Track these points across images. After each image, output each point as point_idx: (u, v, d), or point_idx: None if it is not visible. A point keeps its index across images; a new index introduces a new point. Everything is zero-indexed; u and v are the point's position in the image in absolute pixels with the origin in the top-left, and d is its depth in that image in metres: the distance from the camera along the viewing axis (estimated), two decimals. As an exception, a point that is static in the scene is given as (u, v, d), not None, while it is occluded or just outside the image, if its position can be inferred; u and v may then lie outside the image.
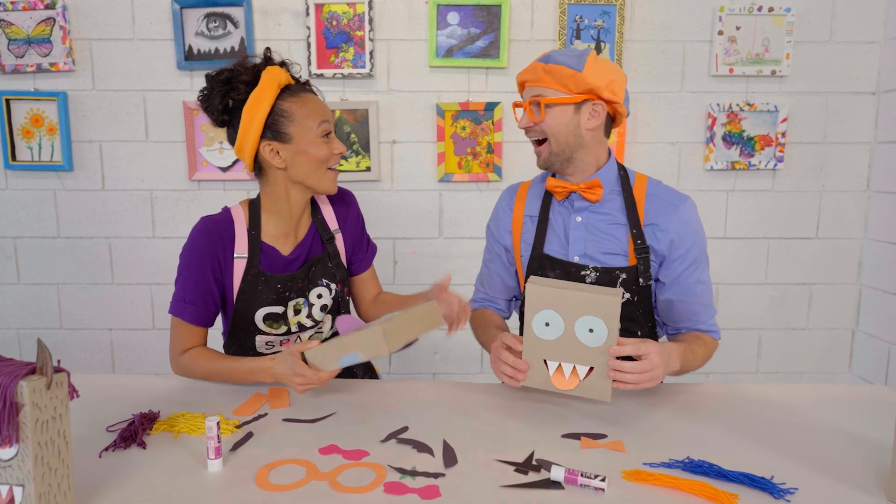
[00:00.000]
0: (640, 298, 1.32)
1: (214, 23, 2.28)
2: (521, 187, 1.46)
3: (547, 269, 1.35)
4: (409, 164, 2.38)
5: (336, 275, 1.37)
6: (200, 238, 1.27)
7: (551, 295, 1.05)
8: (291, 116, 1.24)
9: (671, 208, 1.30)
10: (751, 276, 2.47)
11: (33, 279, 2.43)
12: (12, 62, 2.29)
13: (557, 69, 1.24)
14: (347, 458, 0.94)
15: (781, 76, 2.34)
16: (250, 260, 1.28)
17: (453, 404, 1.17)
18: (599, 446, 0.98)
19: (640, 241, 1.29)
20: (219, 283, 1.29)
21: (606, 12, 2.29)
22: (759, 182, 2.41)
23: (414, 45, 2.31)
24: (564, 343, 1.06)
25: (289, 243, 1.34)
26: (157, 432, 1.03)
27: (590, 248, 1.33)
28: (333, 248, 1.38)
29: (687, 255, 1.30)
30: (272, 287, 1.29)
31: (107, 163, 2.36)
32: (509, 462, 0.93)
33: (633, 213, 1.30)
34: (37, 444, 0.71)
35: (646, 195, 1.33)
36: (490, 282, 1.49)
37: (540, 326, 1.08)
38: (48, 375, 0.72)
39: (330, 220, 1.41)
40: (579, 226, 1.34)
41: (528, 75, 1.29)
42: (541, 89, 1.27)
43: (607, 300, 1.03)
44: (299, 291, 1.33)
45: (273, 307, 1.30)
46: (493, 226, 1.48)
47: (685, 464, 0.90)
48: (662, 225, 1.29)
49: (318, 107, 1.27)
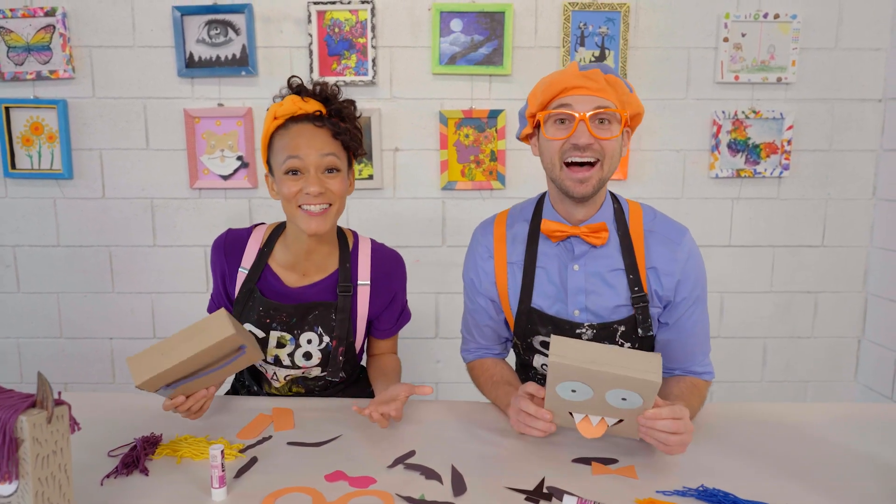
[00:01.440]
0: (641, 346, 1.23)
1: (216, 30, 2.26)
2: (496, 227, 1.28)
3: (537, 324, 1.22)
4: (412, 172, 2.36)
5: (335, 329, 1.28)
6: (214, 250, 1.36)
7: (579, 371, 0.92)
8: (273, 149, 1.23)
9: (674, 246, 1.18)
10: (756, 285, 2.46)
11: (33, 288, 2.41)
12: (12, 70, 2.27)
13: (619, 83, 1.11)
14: (354, 485, 0.92)
15: (787, 83, 2.32)
16: (250, 274, 1.31)
17: (460, 426, 1.15)
18: (611, 472, 0.96)
19: (638, 288, 1.17)
20: (225, 290, 1.35)
21: (611, 19, 2.28)
22: (764, 190, 2.39)
23: (417, 53, 2.29)
24: (593, 404, 0.97)
25: (296, 279, 1.31)
26: (160, 457, 1.01)
27: (591, 301, 1.19)
28: (346, 303, 1.28)
29: (691, 295, 1.20)
30: (256, 308, 1.28)
31: (107, 171, 2.35)
32: (519, 490, 0.91)
33: (631, 255, 1.18)
34: (37, 479, 0.69)
35: (643, 231, 1.20)
36: (479, 332, 1.35)
37: (565, 391, 0.96)
38: (49, 409, 0.70)
39: (363, 272, 1.32)
40: (577, 275, 1.20)
41: (588, 82, 1.09)
42: (606, 101, 1.09)
43: (647, 383, 0.90)
44: (285, 326, 1.28)
45: (255, 328, 1.29)
46: (474, 277, 1.30)
47: (699, 492, 0.88)
48: (666, 268, 1.18)
49: (295, 141, 1.19)
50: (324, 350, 1.29)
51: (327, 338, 1.28)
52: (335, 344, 1.28)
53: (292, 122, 1.21)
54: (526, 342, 1.27)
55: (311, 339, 1.28)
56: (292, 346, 1.28)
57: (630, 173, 2.36)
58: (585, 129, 1.09)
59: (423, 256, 2.41)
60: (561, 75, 1.11)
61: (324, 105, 1.22)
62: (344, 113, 1.23)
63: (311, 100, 1.21)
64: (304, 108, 1.20)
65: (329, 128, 1.20)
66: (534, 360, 1.30)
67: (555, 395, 0.97)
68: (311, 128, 1.20)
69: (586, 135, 1.09)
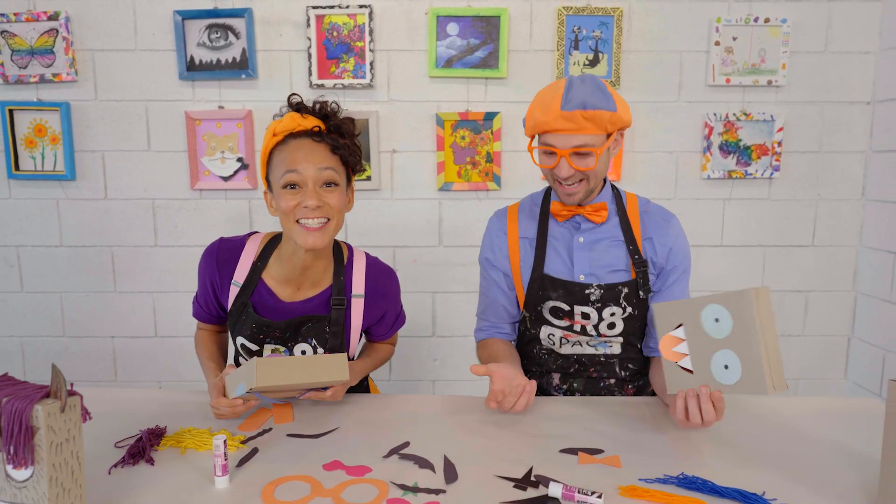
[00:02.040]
0: (640, 312, 1.37)
1: (216, 33, 2.30)
2: (509, 212, 1.46)
3: (549, 289, 1.35)
4: (409, 174, 2.40)
5: (329, 341, 1.30)
6: (204, 258, 1.35)
7: (751, 316, 0.98)
8: (272, 165, 1.23)
9: (665, 223, 1.37)
10: (747, 284, 2.49)
11: (36, 287, 2.45)
12: (16, 73, 2.31)
13: (598, 115, 1.21)
14: (351, 473, 0.96)
15: (777, 86, 2.36)
16: (243, 288, 1.30)
17: (453, 419, 1.20)
18: (596, 461, 1.01)
19: (638, 255, 1.34)
20: (215, 301, 1.36)
21: (604, 23, 2.32)
22: (755, 191, 2.44)
23: (414, 56, 2.33)
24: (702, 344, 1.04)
25: (290, 293, 1.31)
26: (165, 448, 1.05)
27: (594, 266, 1.35)
28: (340, 316, 1.30)
29: (680, 265, 1.37)
30: (249, 324, 1.29)
31: (109, 172, 2.39)
32: (508, 478, 0.95)
33: (629, 230, 1.35)
34: (51, 465, 0.73)
35: (639, 213, 1.39)
36: (492, 311, 1.47)
37: (708, 315, 1.04)
38: (62, 399, 0.74)
39: (357, 285, 1.33)
40: (583, 246, 1.36)
41: (568, 124, 1.21)
42: (584, 138, 1.22)
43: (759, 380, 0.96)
44: (278, 340, 1.30)
45: (249, 342, 1.31)
46: (489, 253, 1.45)
47: (679, 480, 0.92)
48: (659, 238, 1.35)
49: (293, 155, 1.19)
50: None
51: (321, 349, 1.31)
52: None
53: (291, 138, 1.21)
54: (536, 311, 1.39)
55: (305, 350, 1.31)
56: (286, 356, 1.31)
57: (623, 174, 2.41)
58: (566, 164, 1.24)
59: (420, 256, 2.45)
60: (545, 115, 1.23)
61: (323, 122, 1.22)
62: (343, 129, 1.24)
63: (310, 116, 1.22)
64: (303, 125, 1.20)
65: (328, 142, 1.20)
66: (541, 332, 1.41)
67: (696, 309, 1.06)
68: (309, 143, 1.20)
69: (567, 168, 1.25)
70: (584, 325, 1.35)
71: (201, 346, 1.40)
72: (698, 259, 2.48)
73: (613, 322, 1.35)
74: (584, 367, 1.41)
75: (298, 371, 1.07)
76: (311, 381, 1.08)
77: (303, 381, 1.08)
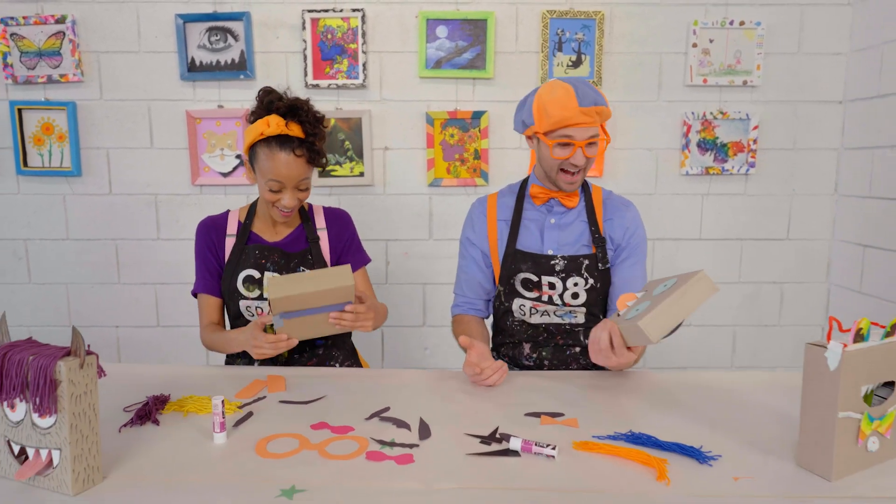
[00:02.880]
0: (601, 285, 1.53)
1: (216, 36, 2.41)
2: (489, 199, 1.65)
3: (520, 261, 1.53)
4: (401, 170, 2.51)
5: (314, 267, 1.58)
6: (199, 231, 1.63)
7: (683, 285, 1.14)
8: (258, 160, 1.48)
9: (624, 207, 1.58)
10: (725, 276, 2.60)
11: (43, 279, 2.56)
12: (24, 73, 2.42)
13: (604, 110, 1.42)
14: (335, 432, 1.07)
15: (753, 86, 2.47)
16: (238, 238, 1.59)
17: (432, 389, 1.30)
18: (556, 423, 1.11)
19: (598, 234, 1.53)
20: (216, 257, 1.60)
21: (587, 26, 2.43)
22: (732, 186, 2.55)
23: (405, 57, 2.44)
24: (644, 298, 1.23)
25: (274, 235, 1.61)
26: (169, 412, 1.16)
27: (561, 243, 1.55)
28: (317, 249, 1.61)
29: (637, 246, 1.55)
30: (252, 254, 1.55)
31: (114, 168, 2.49)
32: (476, 435, 1.06)
33: (593, 213, 1.56)
34: (72, 414, 0.84)
35: (602, 200, 1.60)
36: (469, 285, 1.64)
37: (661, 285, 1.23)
38: (81, 357, 0.85)
39: (318, 223, 1.66)
40: (553, 226, 1.56)
41: (586, 118, 1.41)
42: (595, 130, 1.45)
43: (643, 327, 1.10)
44: (276, 266, 1.55)
45: (251, 270, 1.54)
46: (470, 233, 1.64)
47: (627, 436, 1.03)
48: (618, 219, 1.56)
49: (275, 168, 1.45)
50: None
51: None
52: None
53: (277, 145, 1.44)
54: (509, 284, 1.55)
55: None
56: None
57: (605, 171, 2.51)
58: (581, 153, 1.44)
59: (411, 249, 2.56)
60: (565, 111, 1.40)
61: (303, 128, 1.45)
62: (319, 135, 1.48)
63: (293, 125, 1.44)
64: (287, 132, 1.44)
65: (306, 156, 1.47)
66: (513, 304, 1.56)
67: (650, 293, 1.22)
68: (292, 158, 1.45)
69: (581, 157, 1.45)
70: (550, 294, 1.51)
71: (214, 334, 1.56)
72: (677, 251, 2.59)
73: (577, 292, 1.51)
74: (552, 336, 1.56)
75: (306, 282, 1.29)
76: (319, 288, 1.26)
77: (312, 289, 1.26)
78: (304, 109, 1.46)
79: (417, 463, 0.96)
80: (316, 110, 1.50)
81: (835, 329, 0.91)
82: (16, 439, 0.89)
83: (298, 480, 0.91)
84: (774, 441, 1.04)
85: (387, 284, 2.57)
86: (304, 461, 0.97)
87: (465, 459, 0.98)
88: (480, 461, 0.97)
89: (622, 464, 0.96)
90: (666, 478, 0.91)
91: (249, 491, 0.88)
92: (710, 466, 0.95)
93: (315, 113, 1.49)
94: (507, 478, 0.92)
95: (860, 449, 0.91)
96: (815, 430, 0.91)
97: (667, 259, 2.59)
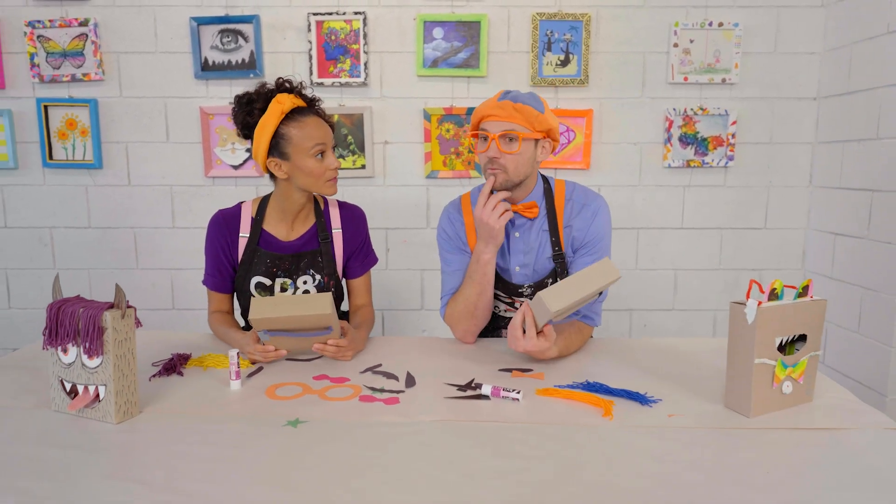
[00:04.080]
0: None
1: (227, 37, 2.58)
2: (463, 202, 1.64)
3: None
4: (400, 163, 2.67)
5: (324, 268, 1.61)
6: (212, 228, 1.62)
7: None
8: (290, 139, 1.49)
9: (583, 208, 1.55)
10: (706, 263, 2.75)
11: (67, 265, 2.74)
12: (50, 73, 2.60)
13: (526, 109, 1.41)
14: (333, 381, 1.25)
15: (731, 84, 2.62)
16: (251, 238, 1.59)
17: (421, 351, 1.48)
18: (525, 376, 1.29)
19: (558, 248, 1.54)
20: (228, 258, 1.61)
21: (574, 27, 2.58)
22: (712, 178, 2.70)
23: (403, 57, 2.61)
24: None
25: (287, 234, 1.62)
26: (190, 367, 1.34)
27: (527, 257, 1.56)
28: (328, 248, 1.62)
29: (592, 241, 1.53)
30: (263, 261, 1.58)
31: (132, 161, 2.67)
32: (454, 384, 1.23)
33: (554, 221, 1.54)
34: (115, 356, 1.02)
35: (565, 200, 1.56)
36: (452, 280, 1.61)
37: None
38: (122, 309, 1.03)
39: (334, 222, 1.66)
40: (518, 240, 1.57)
41: (499, 111, 1.42)
42: (512, 124, 1.42)
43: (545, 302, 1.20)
44: (287, 273, 1.59)
45: (263, 278, 1.58)
46: (455, 240, 1.61)
47: (583, 385, 1.20)
48: (578, 224, 1.54)
49: (315, 130, 1.49)
50: (318, 286, 1.62)
51: (319, 276, 1.62)
52: (327, 279, 1.62)
53: (300, 114, 1.49)
54: None
55: (307, 280, 1.61)
56: (292, 289, 1.61)
57: (592, 164, 2.67)
58: (495, 146, 1.44)
59: (410, 237, 2.73)
60: (484, 106, 1.47)
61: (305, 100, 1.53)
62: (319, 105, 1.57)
63: (298, 98, 1.51)
64: (299, 103, 1.51)
65: (325, 119, 1.54)
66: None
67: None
68: (320, 119, 1.52)
69: (495, 149, 1.45)
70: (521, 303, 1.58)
71: (220, 325, 1.60)
72: (661, 240, 2.75)
73: None
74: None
75: (287, 305, 1.31)
76: (297, 313, 1.29)
77: (290, 313, 1.28)
78: (301, 86, 1.54)
79: (402, 404, 1.14)
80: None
81: (755, 289, 1.08)
82: (67, 378, 1.07)
83: (302, 415, 1.09)
84: (711, 392, 1.20)
85: (387, 270, 2.74)
86: (306, 402, 1.15)
87: (443, 402, 1.15)
88: (456, 403, 1.15)
89: (575, 405, 1.13)
90: (611, 414, 1.08)
91: (261, 423, 1.06)
92: (651, 407, 1.12)
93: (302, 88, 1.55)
94: (478, 415, 1.09)
95: (775, 391, 1.07)
96: (736, 374, 1.07)
97: (650, 247, 2.74)
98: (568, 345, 1.43)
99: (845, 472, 0.91)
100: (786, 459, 0.94)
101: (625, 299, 2.78)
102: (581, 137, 2.64)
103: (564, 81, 2.60)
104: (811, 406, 1.12)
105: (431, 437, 1.01)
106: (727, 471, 0.91)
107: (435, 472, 0.90)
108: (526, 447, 0.98)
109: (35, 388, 1.21)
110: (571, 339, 1.45)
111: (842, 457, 0.96)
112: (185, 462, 0.93)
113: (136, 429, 1.04)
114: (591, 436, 1.01)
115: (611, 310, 2.79)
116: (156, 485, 0.87)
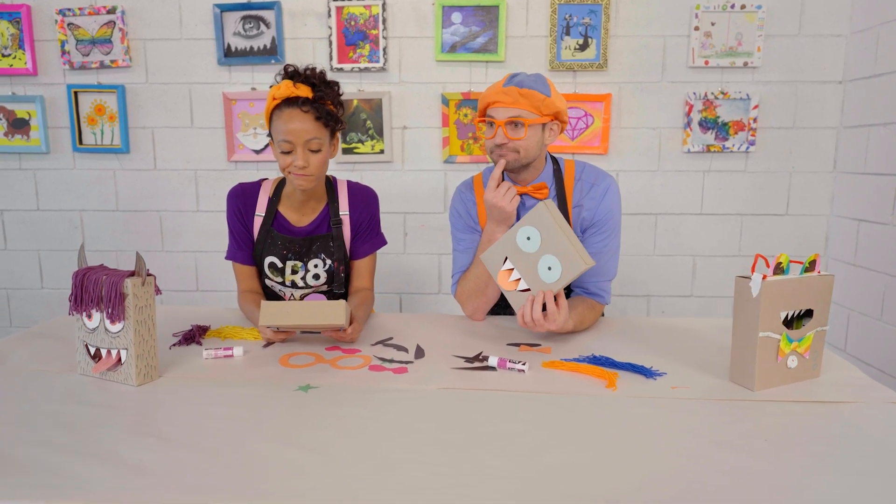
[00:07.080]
0: None
1: (249, 24, 2.63)
2: (476, 182, 1.65)
3: None
4: (418, 147, 2.70)
5: (335, 253, 1.62)
6: (230, 200, 1.65)
7: (552, 222, 1.25)
8: (273, 125, 1.50)
9: (593, 188, 1.55)
10: (726, 249, 2.73)
11: (96, 246, 2.83)
12: (80, 60, 2.68)
13: (532, 94, 1.41)
14: (345, 352, 1.29)
15: (753, 67, 2.58)
16: (265, 219, 1.62)
17: (431, 326, 1.51)
18: (533, 350, 1.31)
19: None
20: (246, 228, 1.64)
21: (593, 11, 2.57)
22: (732, 163, 2.67)
23: (422, 42, 2.63)
24: (527, 262, 1.29)
25: (300, 219, 1.64)
26: (209, 337, 1.39)
27: None
28: (339, 232, 1.62)
29: (602, 221, 1.54)
30: (276, 243, 1.60)
31: (158, 146, 2.74)
32: (462, 356, 1.26)
33: (564, 202, 1.55)
34: (136, 321, 1.07)
35: (574, 181, 1.57)
36: (462, 258, 1.64)
37: (522, 238, 1.30)
38: (143, 276, 1.08)
39: (342, 205, 1.65)
40: None
41: (504, 97, 1.42)
42: (518, 111, 1.42)
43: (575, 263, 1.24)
44: (298, 255, 1.60)
45: (275, 258, 1.61)
46: (468, 220, 1.63)
47: (589, 358, 1.22)
48: (587, 204, 1.54)
49: (286, 125, 1.44)
50: (328, 271, 1.64)
51: (329, 261, 1.63)
52: (336, 265, 1.64)
53: (286, 105, 1.45)
54: None
55: (317, 263, 1.63)
56: (303, 271, 1.64)
57: (611, 149, 2.66)
58: (502, 133, 1.44)
59: (427, 221, 2.75)
60: (488, 91, 1.47)
61: (312, 89, 1.46)
62: (328, 96, 1.48)
63: (301, 85, 1.45)
64: (296, 93, 1.44)
65: (313, 112, 1.45)
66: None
67: (512, 238, 1.31)
68: (299, 114, 1.44)
69: (502, 136, 1.45)
70: None
71: (247, 304, 1.60)
72: (680, 226, 2.73)
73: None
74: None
75: (298, 313, 1.26)
76: (310, 323, 1.26)
77: (301, 322, 1.26)
78: (314, 73, 1.48)
79: (411, 373, 1.17)
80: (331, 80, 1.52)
81: (760, 263, 1.08)
82: (92, 342, 1.12)
83: (313, 381, 1.12)
84: (717, 367, 1.21)
85: (405, 254, 2.77)
86: (318, 370, 1.19)
87: (451, 372, 1.18)
88: (463, 373, 1.17)
89: (580, 377, 1.15)
90: (614, 385, 1.09)
91: (274, 387, 1.10)
92: (655, 380, 1.13)
93: (324, 76, 1.50)
94: (484, 384, 1.12)
95: (780, 365, 1.08)
96: (741, 348, 1.08)
97: (668, 233, 2.73)
98: (582, 319, 1.45)
99: (847, 442, 0.92)
100: (787, 429, 0.95)
101: (643, 284, 2.77)
102: (599, 122, 2.64)
103: (583, 66, 2.59)
104: (818, 381, 1.12)
105: (437, 403, 1.04)
106: (727, 439, 0.92)
107: (439, 434, 0.93)
108: (529, 414, 1.00)
109: (62, 354, 1.27)
110: (585, 314, 1.47)
111: (843, 428, 0.96)
112: (201, 421, 0.97)
113: (155, 391, 1.09)
114: (594, 404, 1.03)
115: (629, 295, 2.78)
116: (174, 440, 0.91)
